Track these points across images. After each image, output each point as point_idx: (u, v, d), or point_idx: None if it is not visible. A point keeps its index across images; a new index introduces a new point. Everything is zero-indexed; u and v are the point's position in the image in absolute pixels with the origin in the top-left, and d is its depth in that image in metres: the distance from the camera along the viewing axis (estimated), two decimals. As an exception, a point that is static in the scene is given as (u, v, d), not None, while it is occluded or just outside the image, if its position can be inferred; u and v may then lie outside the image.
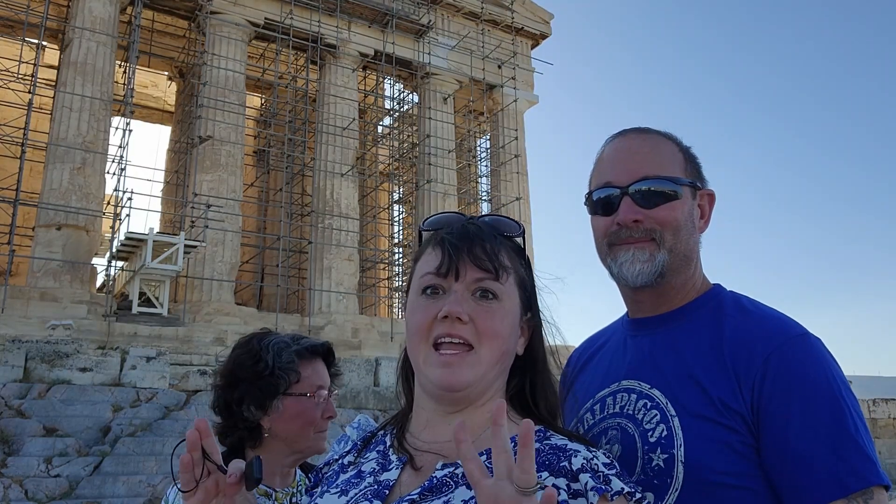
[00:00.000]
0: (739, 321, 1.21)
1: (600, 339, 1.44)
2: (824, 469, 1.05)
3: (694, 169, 1.32)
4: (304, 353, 1.84)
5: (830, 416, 1.08)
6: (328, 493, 1.08)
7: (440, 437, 1.06)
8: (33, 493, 8.55)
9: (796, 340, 1.14)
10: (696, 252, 1.29)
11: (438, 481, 0.99)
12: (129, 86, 19.51)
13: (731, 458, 1.11)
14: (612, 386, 1.29)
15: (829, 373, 1.12)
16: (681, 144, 1.33)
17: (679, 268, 1.27)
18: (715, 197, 1.33)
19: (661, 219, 1.24)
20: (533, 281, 1.15)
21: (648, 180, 1.25)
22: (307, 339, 1.90)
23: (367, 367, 13.81)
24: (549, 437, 1.04)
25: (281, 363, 1.79)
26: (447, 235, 1.08)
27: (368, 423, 1.27)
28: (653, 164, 1.27)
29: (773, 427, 1.10)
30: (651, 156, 1.28)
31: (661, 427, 1.16)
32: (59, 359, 11.47)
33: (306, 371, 1.82)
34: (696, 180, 1.31)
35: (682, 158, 1.30)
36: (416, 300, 1.09)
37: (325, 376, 1.87)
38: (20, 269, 20.71)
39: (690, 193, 1.28)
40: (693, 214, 1.28)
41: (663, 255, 1.24)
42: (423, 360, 1.05)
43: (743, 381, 1.13)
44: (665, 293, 1.28)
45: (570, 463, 0.97)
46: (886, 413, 17.08)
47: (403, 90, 26.20)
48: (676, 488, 1.12)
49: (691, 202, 1.28)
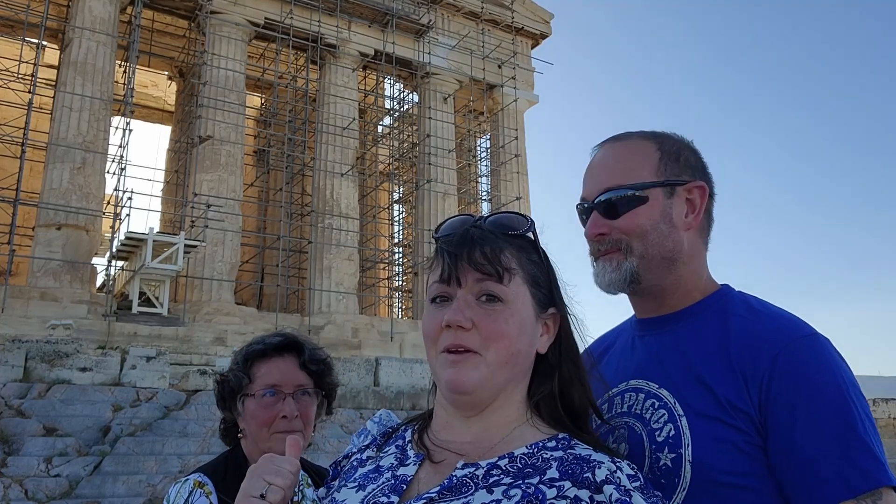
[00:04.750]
0: (747, 321, 1.20)
1: (609, 338, 1.44)
2: (831, 469, 1.05)
3: (674, 165, 1.28)
4: (255, 354, 1.82)
5: (838, 417, 1.07)
6: (345, 488, 1.08)
7: (459, 437, 1.06)
8: (33, 493, 8.55)
9: (804, 340, 1.13)
10: (679, 251, 1.26)
11: (458, 481, 0.98)
12: (129, 85, 19.52)
13: (739, 458, 1.11)
14: (620, 385, 1.29)
15: (836, 373, 1.11)
16: (663, 142, 1.30)
17: (658, 270, 1.25)
18: (707, 189, 1.29)
19: (626, 227, 1.25)
20: (551, 274, 1.12)
21: (611, 191, 1.26)
22: (270, 338, 1.87)
23: (367, 367, 13.80)
24: (573, 447, 1.02)
25: (235, 364, 1.83)
26: (444, 244, 1.09)
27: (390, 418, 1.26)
28: (616, 174, 1.27)
29: (779, 427, 1.09)
30: (617, 165, 1.28)
31: (668, 426, 1.16)
32: (59, 358, 11.47)
33: (260, 371, 1.80)
34: (677, 177, 1.27)
35: (657, 158, 1.28)
36: (428, 308, 1.10)
37: (289, 374, 1.80)
38: (20, 269, 20.72)
39: (664, 193, 1.26)
40: (669, 214, 1.25)
41: (630, 264, 1.24)
42: (436, 364, 1.06)
43: (750, 381, 1.12)
44: (657, 295, 1.28)
45: (593, 474, 0.96)
46: (886, 413, 17.08)
47: (403, 90, 26.21)
48: (684, 488, 1.12)
49: (665, 202, 1.26)
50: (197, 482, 1.72)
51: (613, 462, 0.99)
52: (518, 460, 1.00)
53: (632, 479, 0.97)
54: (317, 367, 1.85)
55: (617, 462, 0.99)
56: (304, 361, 1.83)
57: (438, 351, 1.04)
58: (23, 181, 18.68)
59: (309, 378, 1.83)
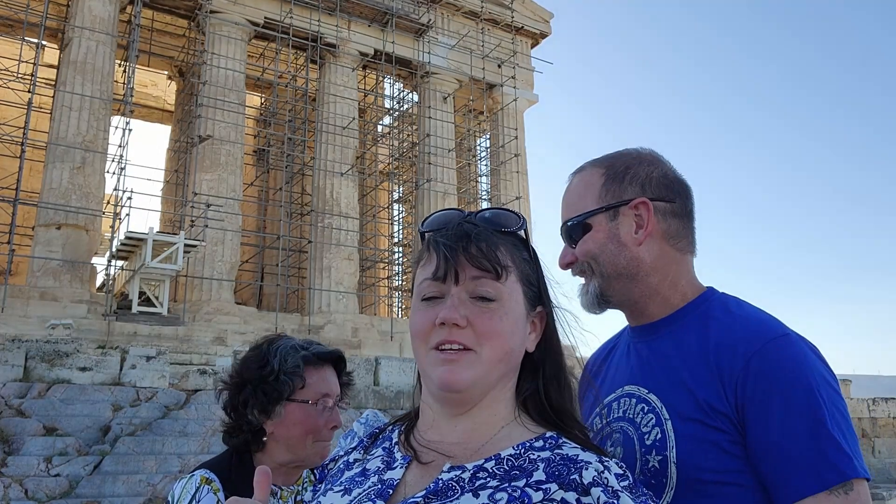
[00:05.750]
0: (724, 324, 1.25)
1: (611, 343, 1.50)
2: (804, 464, 1.11)
3: (616, 188, 1.34)
4: (311, 360, 1.82)
5: (808, 415, 1.12)
6: (331, 491, 1.06)
7: (445, 437, 1.04)
8: (33, 493, 8.55)
9: (777, 341, 1.18)
10: (637, 265, 1.31)
11: (444, 485, 0.97)
12: (128, 85, 19.51)
13: (720, 456, 1.17)
14: (617, 391, 1.35)
15: (807, 371, 1.16)
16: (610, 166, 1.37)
17: (620, 286, 1.33)
18: (649, 202, 1.32)
19: (581, 253, 1.35)
20: (540, 273, 1.12)
21: (567, 223, 1.37)
22: (317, 346, 1.88)
23: (367, 367, 13.82)
24: (560, 446, 1.01)
25: (286, 368, 1.78)
26: (441, 238, 1.06)
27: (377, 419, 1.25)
28: (570, 207, 1.38)
29: (755, 426, 1.15)
30: (570, 198, 1.39)
31: (655, 430, 1.23)
32: (58, 358, 11.47)
33: (312, 378, 1.80)
34: (618, 198, 1.33)
35: (600, 185, 1.35)
36: (417, 304, 1.07)
37: (334, 385, 1.85)
38: (20, 269, 20.72)
39: (607, 217, 1.33)
40: (616, 234, 1.32)
41: (594, 284, 1.34)
42: (425, 362, 1.04)
43: (727, 382, 1.18)
44: (632, 308, 1.36)
45: (580, 476, 0.94)
46: (886, 412, 17.07)
47: (403, 89, 26.21)
48: (671, 487, 1.18)
49: (610, 224, 1.33)
50: (204, 478, 1.69)
51: (601, 462, 0.97)
52: (505, 462, 0.98)
53: (620, 478, 0.96)
54: (348, 380, 1.93)
55: (605, 462, 0.98)
56: (342, 374, 1.90)
57: (430, 347, 1.03)
58: (22, 181, 18.68)
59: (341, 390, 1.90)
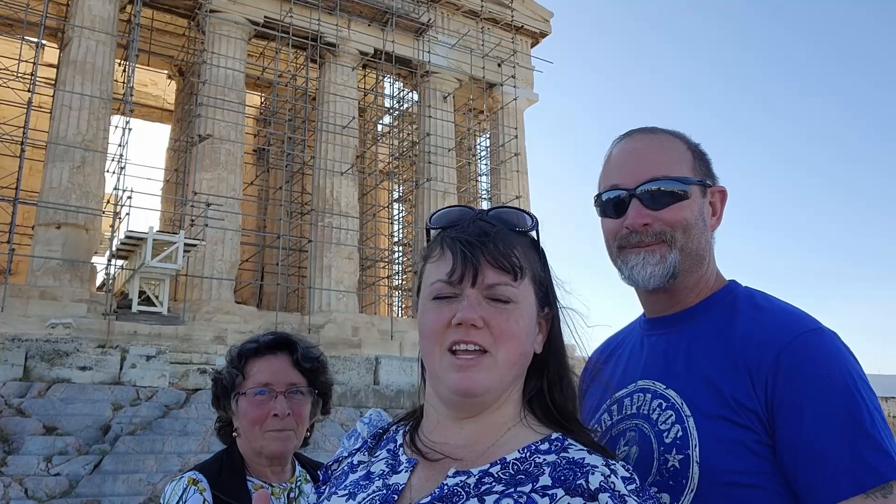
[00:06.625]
0: (752, 318, 1.19)
1: (618, 338, 1.44)
2: (840, 465, 1.03)
3: (703, 167, 1.30)
4: (249, 352, 1.83)
5: (845, 411, 1.06)
6: (335, 496, 1.04)
7: (451, 439, 1.02)
8: (33, 492, 8.55)
9: (809, 335, 1.12)
10: (708, 250, 1.28)
11: (449, 490, 0.95)
12: (128, 84, 19.49)
13: (747, 457, 1.10)
14: (629, 386, 1.28)
15: (843, 367, 1.10)
16: (689, 142, 1.32)
17: (691, 267, 1.26)
18: (726, 194, 1.33)
19: (671, 220, 1.24)
20: (549, 274, 1.10)
21: (656, 181, 1.24)
22: (263, 336, 1.87)
23: (367, 366, 13.82)
24: (566, 449, 0.99)
25: (229, 363, 1.84)
26: (459, 235, 1.03)
27: (380, 418, 1.21)
28: (660, 165, 1.26)
29: (787, 424, 1.08)
30: (658, 156, 1.27)
31: (676, 427, 1.15)
32: (58, 357, 11.47)
33: (253, 369, 1.81)
34: (706, 178, 1.30)
35: (691, 157, 1.29)
36: (428, 304, 1.03)
37: (281, 373, 1.81)
38: (20, 268, 20.71)
39: (700, 192, 1.28)
40: (704, 213, 1.28)
41: (674, 256, 1.24)
42: (439, 365, 1.01)
43: (756, 378, 1.11)
44: (678, 293, 1.28)
45: (587, 481, 0.92)
46: (886, 412, 17.12)
47: (403, 88, 26.20)
48: (692, 489, 1.11)
49: (701, 200, 1.27)
50: (191, 479, 1.72)
51: (608, 465, 0.95)
52: (510, 466, 0.97)
53: (627, 481, 0.94)
54: (310, 365, 1.84)
55: (611, 465, 0.95)
56: (297, 360, 1.83)
57: (444, 349, 1.00)
58: (22, 180, 18.65)
59: (302, 377, 1.83)
